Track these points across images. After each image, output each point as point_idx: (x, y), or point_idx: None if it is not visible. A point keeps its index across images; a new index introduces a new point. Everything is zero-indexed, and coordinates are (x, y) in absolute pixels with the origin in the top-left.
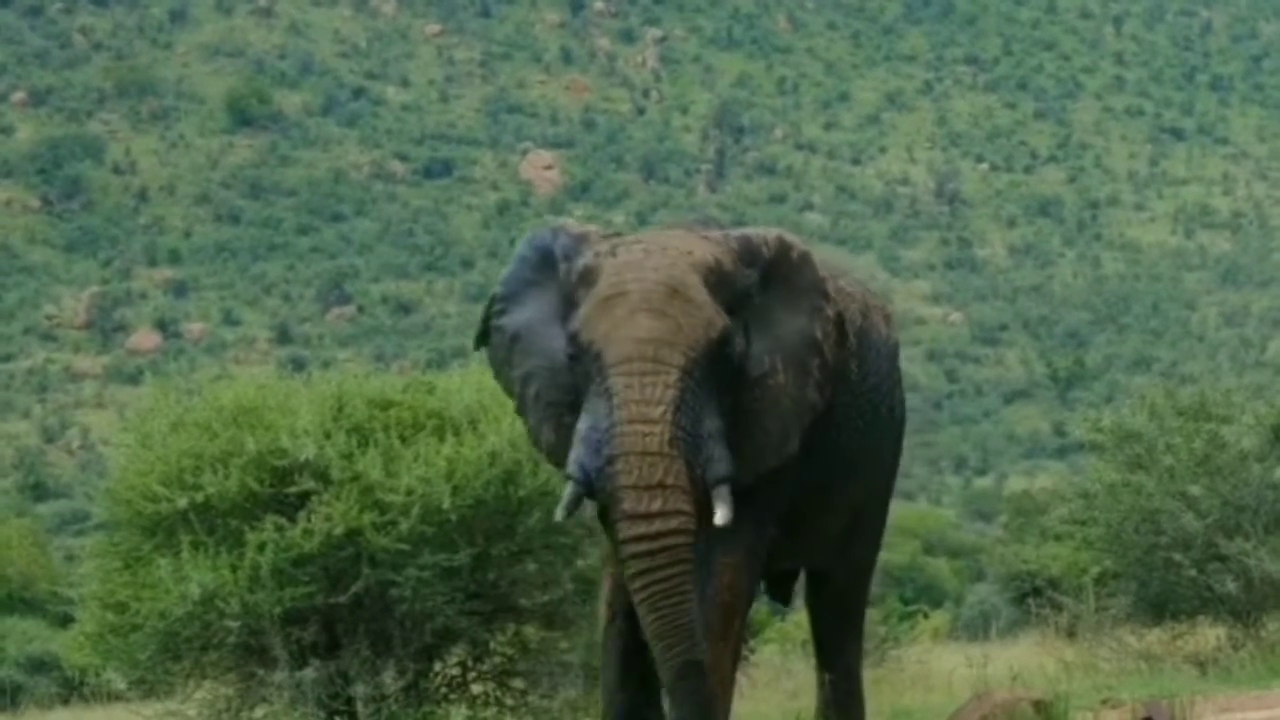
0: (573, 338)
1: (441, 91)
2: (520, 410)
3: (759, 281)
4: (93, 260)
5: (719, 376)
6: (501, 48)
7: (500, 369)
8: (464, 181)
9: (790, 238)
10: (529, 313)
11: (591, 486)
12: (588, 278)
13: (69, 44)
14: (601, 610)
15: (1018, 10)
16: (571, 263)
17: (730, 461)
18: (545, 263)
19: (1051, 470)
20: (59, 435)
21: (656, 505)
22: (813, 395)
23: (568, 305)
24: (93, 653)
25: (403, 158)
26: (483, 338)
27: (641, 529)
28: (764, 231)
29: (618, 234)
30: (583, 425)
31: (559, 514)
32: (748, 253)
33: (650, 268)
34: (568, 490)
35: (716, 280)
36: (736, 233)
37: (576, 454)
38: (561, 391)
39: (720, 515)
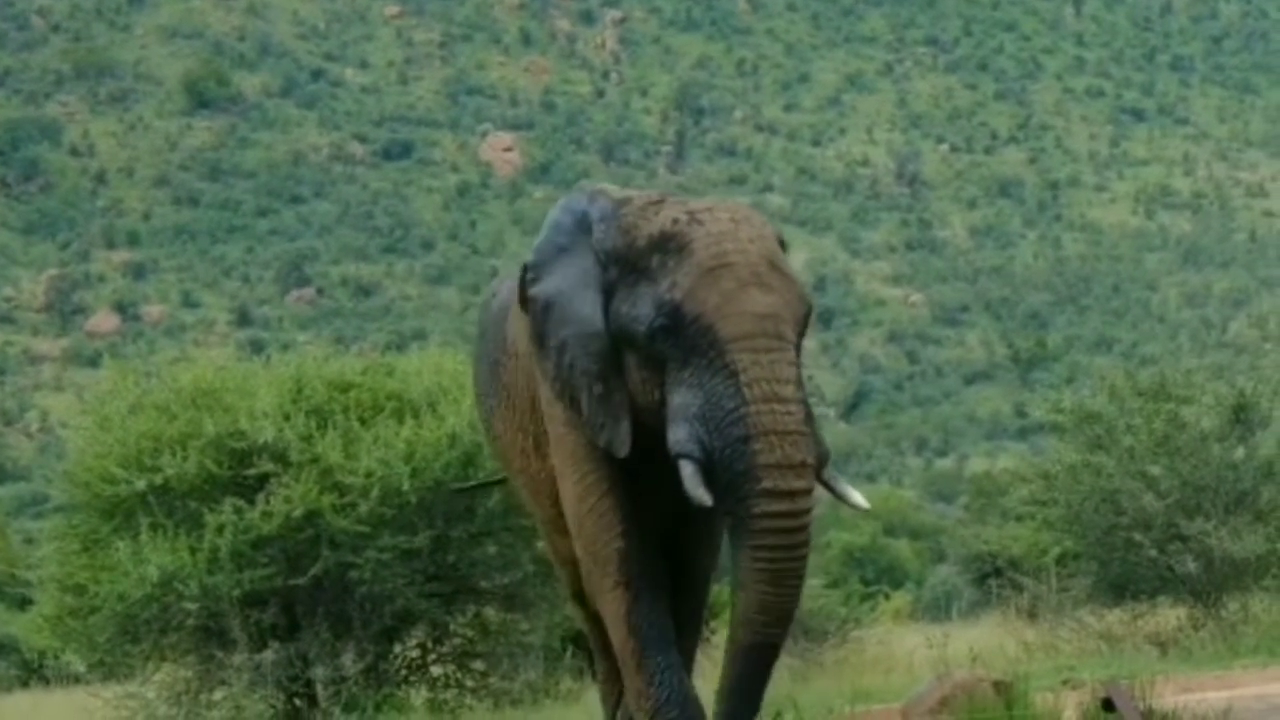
0: (674, 309)
1: (401, 73)
2: (554, 379)
3: None
4: (51, 242)
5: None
6: (461, 29)
7: (537, 338)
8: (423, 163)
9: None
10: (560, 280)
11: (711, 464)
12: (666, 244)
13: (27, 25)
14: (608, 590)
15: None
16: (617, 224)
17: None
18: (579, 228)
19: (1012, 451)
20: (17, 418)
21: (800, 484)
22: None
23: (617, 268)
24: (51, 635)
25: (362, 140)
26: (524, 306)
27: (785, 506)
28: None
29: (663, 198)
30: (693, 401)
31: (706, 498)
32: None
33: (746, 239)
34: (692, 470)
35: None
36: (733, 204)
37: (692, 431)
38: (593, 359)
39: (859, 499)
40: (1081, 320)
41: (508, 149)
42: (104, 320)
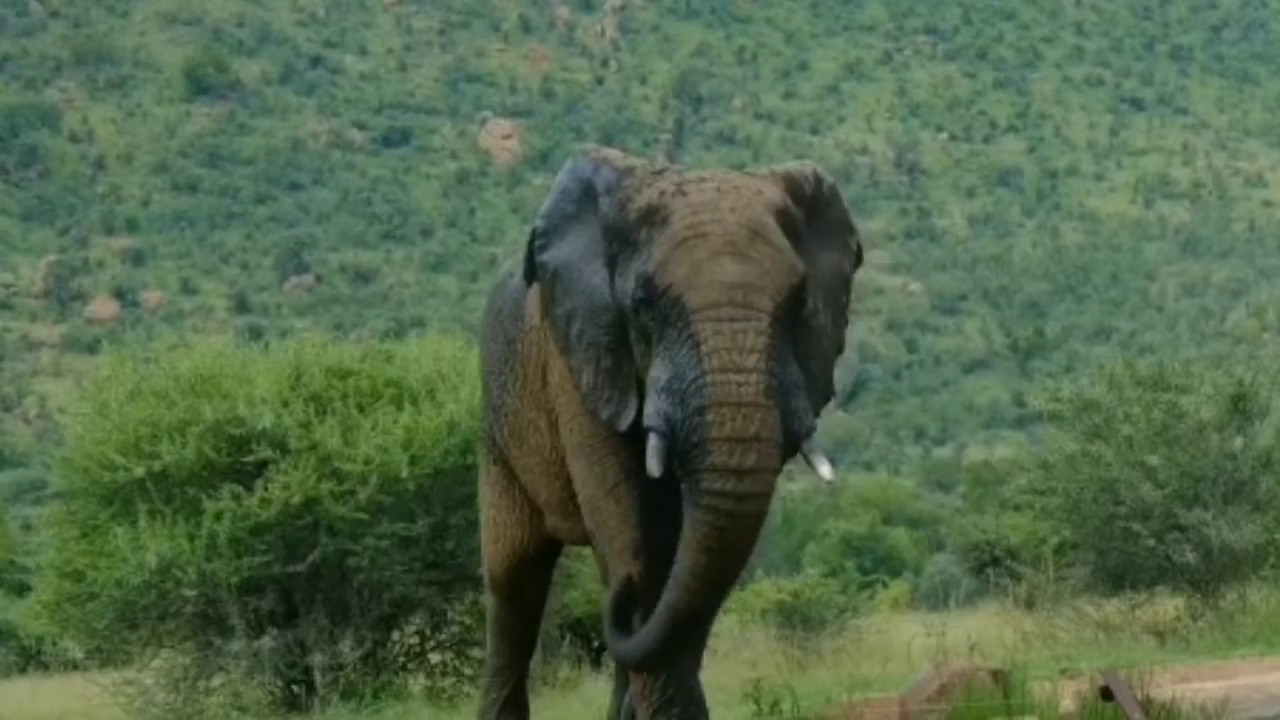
0: (646, 281)
1: (400, 60)
2: (564, 351)
3: (803, 218)
4: (50, 229)
5: (793, 324)
6: (460, 16)
7: (546, 308)
8: (422, 150)
9: (822, 170)
10: (568, 248)
11: (675, 438)
12: (651, 217)
13: (26, 12)
14: (621, 578)
15: None
16: (617, 197)
17: (811, 413)
18: (586, 195)
19: (1011, 440)
20: (16, 404)
21: (750, 461)
22: (843, 334)
23: (616, 242)
24: (50, 621)
25: (361, 127)
26: (531, 273)
27: (731, 485)
28: (802, 166)
29: (665, 169)
30: (662, 374)
31: (655, 469)
32: (795, 190)
33: (727, 208)
34: (653, 443)
35: (785, 222)
36: (780, 169)
37: (658, 405)
38: (601, 331)
39: (827, 471)
40: (1080, 309)
41: (507, 136)
42: (103, 306)
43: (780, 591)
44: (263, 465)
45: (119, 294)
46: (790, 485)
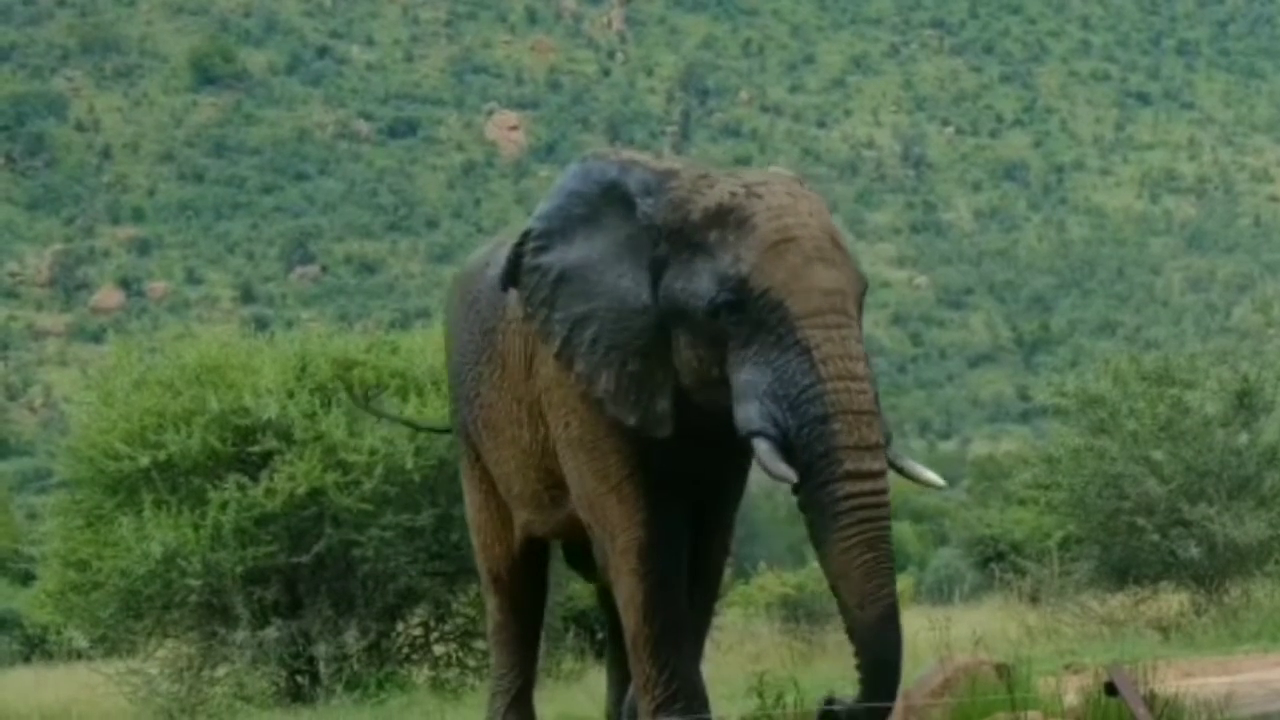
0: (739, 283)
1: (406, 51)
2: (563, 354)
3: None
4: (56, 218)
5: None
6: (467, 7)
7: (539, 310)
8: (428, 141)
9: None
10: (583, 251)
11: (787, 443)
12: (723, 218)
13: (32, 1)
14: (626, 575)
15: None
16: (667, 198)
17: None
18: (608, 197)
19: (1015, 435)
20: (21, 393)
21: (877, 465)
22: None
23: (668, 244)
24: (54, 611)
25: (367, 117)
26: (513, 277)
27: (867, 486)
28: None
29: (706, 170)
30: (759, 378)
31: (790, 474)
32: None
33: (806, 213)
34: (768, 448)
35: None
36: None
37: (763, 409)
38: (630, 335)
39: (931, 475)
40: (1085, 304)
41: (513, 128)
42: (108, 296)
43: (784, 584)
44: (268, 455)
45: (124, 283)
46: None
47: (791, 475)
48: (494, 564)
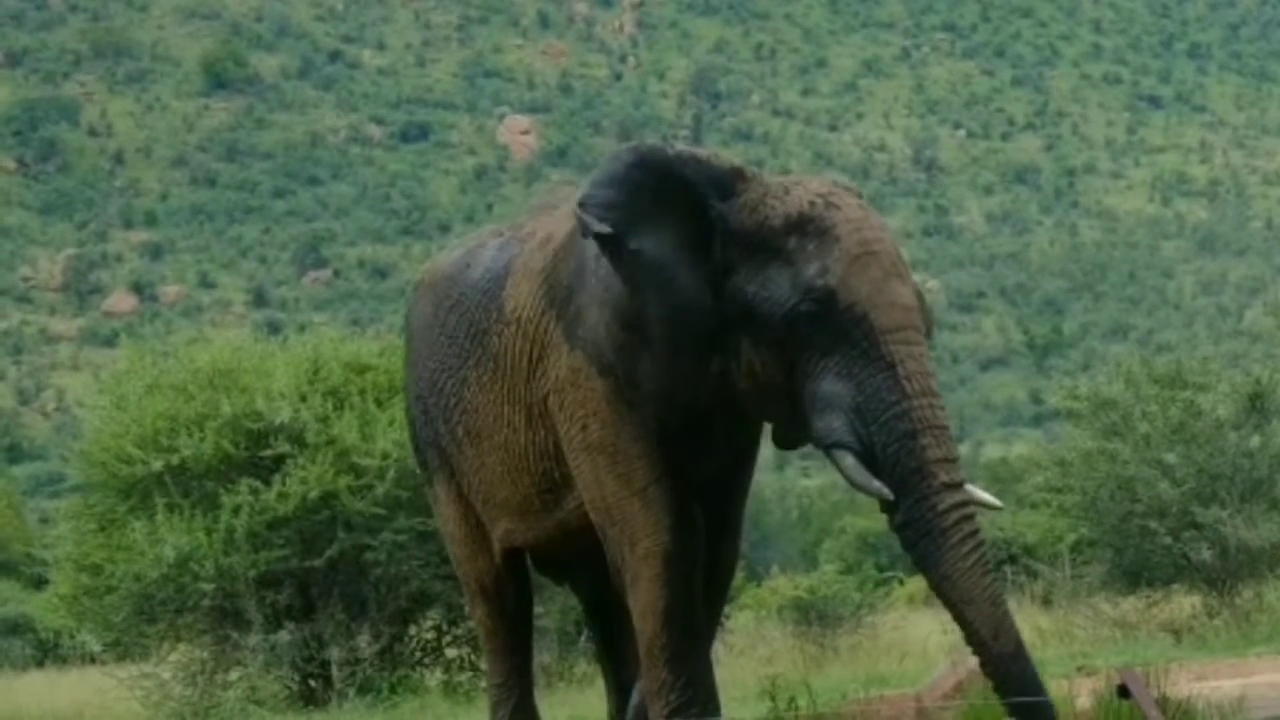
0: (826, 294)
1: (418, 55)
2: (660, 347)
3: None
4: (68, 222)
5: None
6: (479, 11)
7: (637, 290)
8: (441, 146)
9: None
10: (656, 245)
11: (871, 457)
12: (804, 227)
13: (45, 5)
14: (646, 580)
15: None
16: (742, 201)
17: None
18: (667, 190)
19: (1028, 438)
20: (34, 397)
21: (960, 477)
22: None
23: (740, 248)
24: (67, 615)
25: (379, 121)
26: (615, 268)
27: (961, 498)
28: None
29: (756, 172)
30: (843, 391)
31: (886, 492)
32: None
33: (879, 226)
34: (854, 463)
35: None
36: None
37: (849, 423)
38: (694, 330)
39: (989, 497)
40: (1097, 307)
41: (525, 132)
42: (121, 300)
43: (797, 588)
44: (280, 459)
45: (137, 288)
46: (806, 482)
47: (887, 492)
48: (479, 575)
